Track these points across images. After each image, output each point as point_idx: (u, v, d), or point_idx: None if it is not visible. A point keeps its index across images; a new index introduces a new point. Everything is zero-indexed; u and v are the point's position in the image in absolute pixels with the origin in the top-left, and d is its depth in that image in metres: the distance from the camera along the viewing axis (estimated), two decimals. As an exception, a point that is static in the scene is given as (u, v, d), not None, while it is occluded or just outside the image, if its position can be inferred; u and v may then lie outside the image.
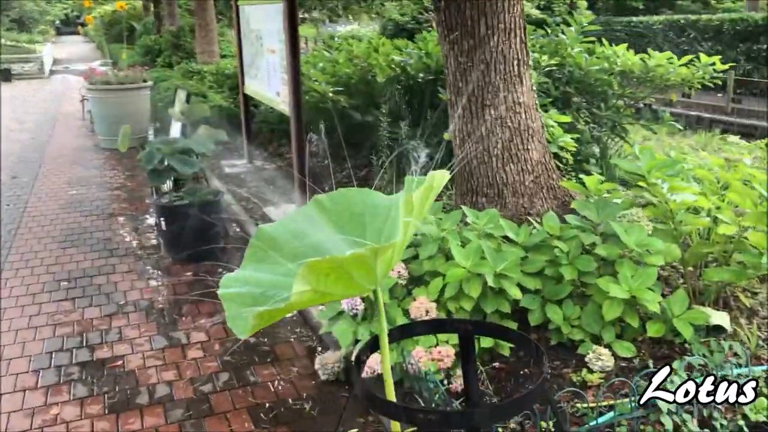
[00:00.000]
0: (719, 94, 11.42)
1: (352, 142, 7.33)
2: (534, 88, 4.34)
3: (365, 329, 3.21)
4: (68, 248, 5.49)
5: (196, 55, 13.17)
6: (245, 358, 3.69)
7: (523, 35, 4.05)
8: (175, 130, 5.49)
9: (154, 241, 5.58)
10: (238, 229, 5.83)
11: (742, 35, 12.38)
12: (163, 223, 4.96)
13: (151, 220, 6.18)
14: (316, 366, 3.46)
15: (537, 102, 4.39)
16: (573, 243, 3.29)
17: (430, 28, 16.31)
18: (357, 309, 3.16)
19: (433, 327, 2.23)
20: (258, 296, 1.38)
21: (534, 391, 1.59)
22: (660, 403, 2.70)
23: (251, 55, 7.29)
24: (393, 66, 6.94)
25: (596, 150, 6.18)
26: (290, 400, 3.28)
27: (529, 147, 4.08)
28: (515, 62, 4.01)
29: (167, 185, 5.09)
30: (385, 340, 1.65)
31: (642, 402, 2.50)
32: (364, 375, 3.01)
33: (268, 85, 6.71)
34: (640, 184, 3.53)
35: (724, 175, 3.53)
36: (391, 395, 1.71)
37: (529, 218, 3.96)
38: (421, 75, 6.69)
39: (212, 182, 7.00)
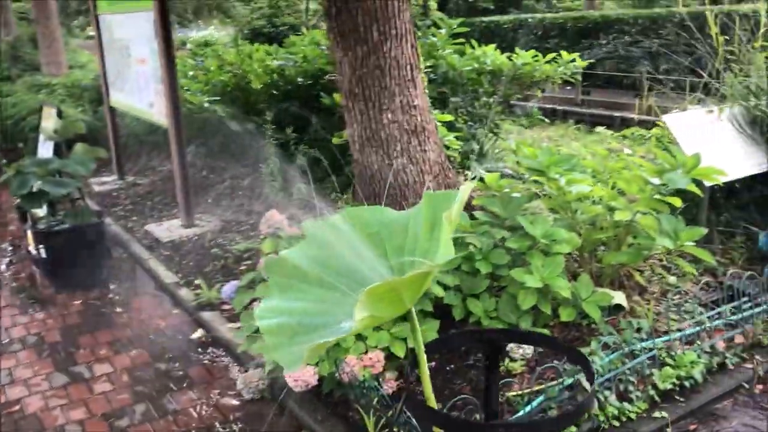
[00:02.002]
0: (568, 87, 12.21)
1: (233, 152, 7.17)
2: (426, 90, 4.46)
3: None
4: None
5: (41, 66, 12.25)
6: (159, 386, 3.51)
7: (413, 40, 4.15)
8: (46, 149, 5.09)
9: (32, 271, 5.15)
10: (121, 251, 5.52)
11: (584, 32, 13.37)
12: (42, 250, 4.59)
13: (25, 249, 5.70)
14: (239, 385, 3.36)
15: (429, 104, 4.52)
16: (485, 238, 3.42)
17: (289, 33, 16.22)
18: (283, 323, 3.10)
19: (466, 339, 2.23)
20: (295, 326, 1.33)
21: (586, 402, 1.63)
22: (584, 382, 2.88)
23: (116, 65, 6.91)
24: (269, 72, 6.85)
25: (475, 146, 6.45)
26: (218, 424, 3.16)
27: (426, 148, 4.19)
28: (408, 67, 4.10)
29: (43, 209, 4.72)
30: (423, 357, 1.64)
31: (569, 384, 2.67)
32: (297, 389, 2.98)
33: (139, 97, 6.39)
34: (536, 178, 3.73)
35: (610, 165, 3.81)
36: (433, 404, 1.70)
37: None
38: (300, 79, 6.66)
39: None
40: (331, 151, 5.86)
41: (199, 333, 4.05)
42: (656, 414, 2.96)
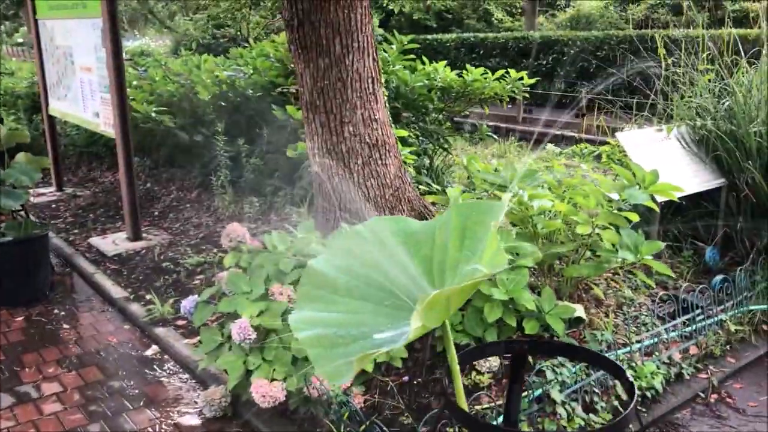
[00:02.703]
0: (509, 106, 12.46)
1: (179, 164, 7.00)
2: (386, 104, 4.46)
3: (256, 358, 3.09)
4: None
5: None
6: (114, 405, 3.36)
7: (375, 54, 4.16)
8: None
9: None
10: (64, 265, 5.29)
11: (524, 51, 13.73)
12: (-20, 265, 4.36)
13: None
14: (201, 403, 3.25)
15: (390, 118, 4.52)
16: (450, 252, 3.43)
17: (230, 45, 16.01)
18: (250, 338, 3.02)
19: (494, 349, 2.22)
20: (333, 337, 1.28)
21: (629, 415, 1.63)
22: (554, 394, 2.91)
23: (57, 73, 6.66)
24: (218, 83, 6.74)
25: (426, 161, 6.50)
26: (179, 444, 3.05)
27: (387, 162, 4.19)
28: (370, 80, 4.10)
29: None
30: (456, 367, 1.62)
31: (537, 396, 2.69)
32: (264, 405, 2.91)
33: (83, 106, 6.18)
34: (497, 193, 3.79)
35: (567, 181, 3.89)
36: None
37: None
38: (250, 91, 6.57)
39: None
40: (285, 164, 5.80)
41: (153, 349, 3.91)
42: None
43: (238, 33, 19.69)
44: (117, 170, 7.71)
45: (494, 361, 3.25)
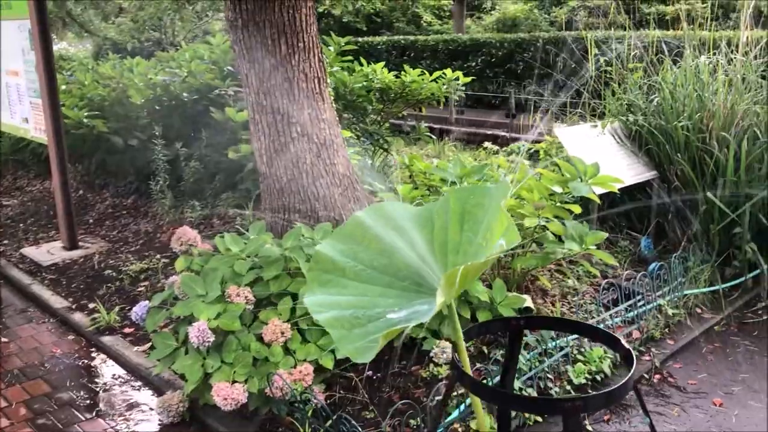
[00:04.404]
0: (441, 107, 12.65)
1: (113, 169, 6.82)
2: (333, 104, 4.48)
3: (215, 361, 3.06)
4: None
5: None
6: (65, 416, 3.26)
7: (320, 54, 4.18)
8: None
9: None
10: (-4, 276, 5.08)
11: (454, 54, 13.97)
12: None
13: None
14: (157, 409, 3.19)
15: (337, 117, 4.54)
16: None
17: (155, 49, 15.65)
18: (209, 341, 2.99)
19: (493, 326, 2.30)
20: (350, 318, 1.30)
21: (628, 382, 1.70)
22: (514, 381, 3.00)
23: (-21, 77, 6.37)
24: (153, 86, 6.60)
25: (368, 162, 6.54)
26: (138, 452, 2.99)
27: (335, 161, 4.21)
28: (316, 80, 4.12)
29: None
30: (462, 344, 1.68)
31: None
32: (226, 408, 2.88)
33: (10, 112, 5.94)
34: (444, 189, 3.87)
35: (512, 176, 4.01)
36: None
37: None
38: (185, 95, 6.46)
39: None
40: (226, 166, 5.74)
41: (101, 359, 3.81)
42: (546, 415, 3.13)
43: (163, 36, 19.28)
44: (46, 178, 7.46)
45: (451, 352, 3.32)
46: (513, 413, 2.91)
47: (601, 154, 4.59)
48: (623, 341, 1.85)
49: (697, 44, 5.02)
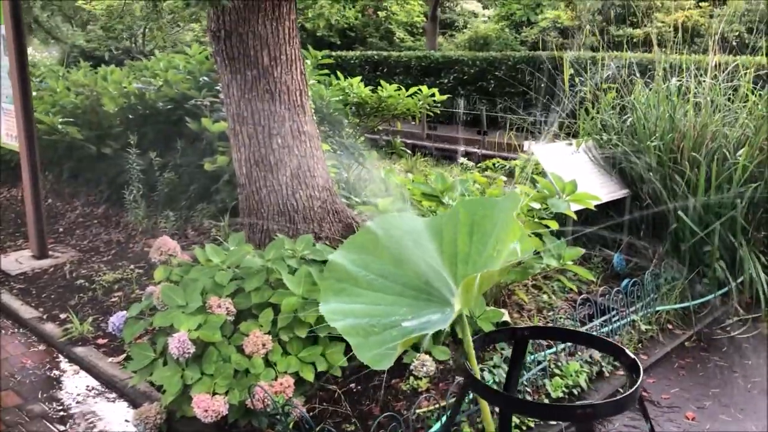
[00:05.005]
0: (413, 123, 12.75)
1: (84, 178, 6.72)
2: (314, 117, 4.49)
3: (195, 372, 3.03)
4: None
5: None
6: (37, 429, 3.19)
7: (302, 67, 4.19)
8: None
9: None
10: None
11: (427, 70, 14.11)
12: None
13: None
14: (134, 422, 3.13)
15: (317, 130, 4.56)
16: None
17: (125, 57, 15.48)
18: (189, 352, 2.96)
19: (500, 335, 2.32)
20: (366, 327, 1.31)
21: (635, 392, 1.73)
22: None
23: (-51, 81, 6.24)
24: (127, 95, 6.54)
25: (344, 174, 6.56)
26: (113, 465, 2.94)
27: (315, 173, 4.22)
28: (298, 92, 4.13)
29: None
30: (471, 351, 1.70)
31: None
32: (206, 420, 2.86)
33: (-20, 117, 5.82)
34: (427, 203, 3.90)
35: (491, 191, 4.07)
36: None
37: (321, 242, 4.09)
38: (160, 104, 6.41)
39: None
40: (202, 177, 5.69)
41: (74, 370, 3.74)
42: (552, 421, 3.17)
43: (133, 45, 19.08)
44: (12, 185, 7.31)
45: (431, 366, 3.33)
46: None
47: (576, 172, 4.67)
48: (628, 351, 1.90)
49: (667, 67, 5.16)
